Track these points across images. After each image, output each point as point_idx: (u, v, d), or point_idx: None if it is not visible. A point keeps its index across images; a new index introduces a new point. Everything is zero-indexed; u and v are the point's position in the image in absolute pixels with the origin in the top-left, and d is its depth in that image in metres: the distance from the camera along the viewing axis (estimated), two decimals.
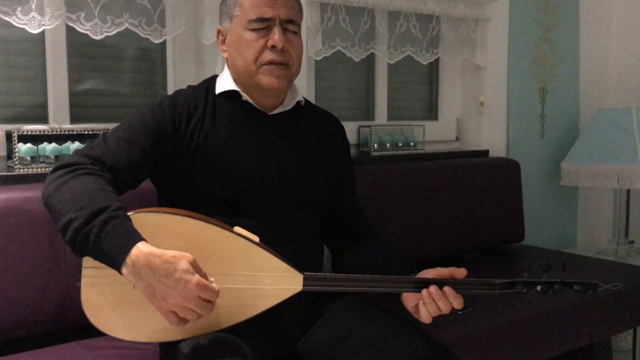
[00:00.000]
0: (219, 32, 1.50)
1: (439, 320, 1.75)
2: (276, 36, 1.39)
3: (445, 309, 1.28)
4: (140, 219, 1.21)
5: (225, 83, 1.48)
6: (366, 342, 1.37)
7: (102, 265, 1.16)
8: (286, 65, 1.42)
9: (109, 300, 1.22)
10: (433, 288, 1.27)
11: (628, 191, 2.90)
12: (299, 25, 1.46)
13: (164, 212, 1.25)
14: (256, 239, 1.27)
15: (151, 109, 1.40)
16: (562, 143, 3.06)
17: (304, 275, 1.27)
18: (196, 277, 1.12)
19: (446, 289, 1.27)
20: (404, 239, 2.23)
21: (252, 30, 1.41)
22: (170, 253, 1.13)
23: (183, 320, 1.14)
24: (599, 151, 2.78)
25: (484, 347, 1.79)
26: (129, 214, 1.20)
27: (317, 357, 1.43)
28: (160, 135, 1.37)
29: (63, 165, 1.27)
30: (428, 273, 1.33)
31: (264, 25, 1.40)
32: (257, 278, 1.25)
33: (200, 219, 1.25)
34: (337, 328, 1.42)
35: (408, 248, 2.21)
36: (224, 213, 1.37)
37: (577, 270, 2.23)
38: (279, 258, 1.27)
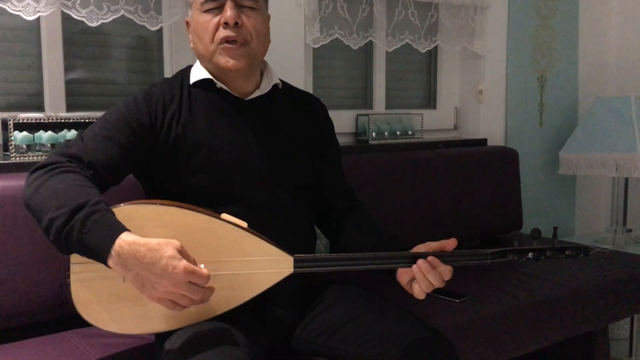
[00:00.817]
0: (187, 23, 1.50)
1: (437, 308, 1.77)
2: (227, 12, 1.38)
3: (435, 281, 1.27)
4: (126, 211, 1.20)
5: (198, 72, 1.47)
6: (363, 330, 1.37)
7: (90, 260, 1.16)
8: (242, 43, 1.40)
9: (99, 295, 1.22)
10: (421, 262, 1.26)
11: (626, 180, 2.89)
12: (256, 1, 1.43)
13: (150, 203, 1.25)
14: (244, 224, 1.26)
15: (126, 104, 1.40)
16: (561, 132, 3.05)
17: (294, 258, 1.26)
18: (183, 263, 1.11)
19: (430, 258, 1.26)
20: (401, 228, 2.22)
21: (206, 12, 1.40)
22: (155, 241, 1.13)
23: (178, 306, 1.14)
24: (598, 140, 2.77)
25: (482, 335, 1.79)
26: (115, 207, 1.20)
27: (314, 346, 1.43)
28: (137, 130, 1.36)
29: (40, 166, 1.26)
30: (419, 248, 1.32)
31: (216, 4, 1.39)
32: (248, 263, 1.25)
33: (187, 208, 1.25)
34: (334, 316, 1.42)
35: (405, 237, 2.19)
36: (209, 203, 1.36)
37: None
38: (269, 242, 1.27)
